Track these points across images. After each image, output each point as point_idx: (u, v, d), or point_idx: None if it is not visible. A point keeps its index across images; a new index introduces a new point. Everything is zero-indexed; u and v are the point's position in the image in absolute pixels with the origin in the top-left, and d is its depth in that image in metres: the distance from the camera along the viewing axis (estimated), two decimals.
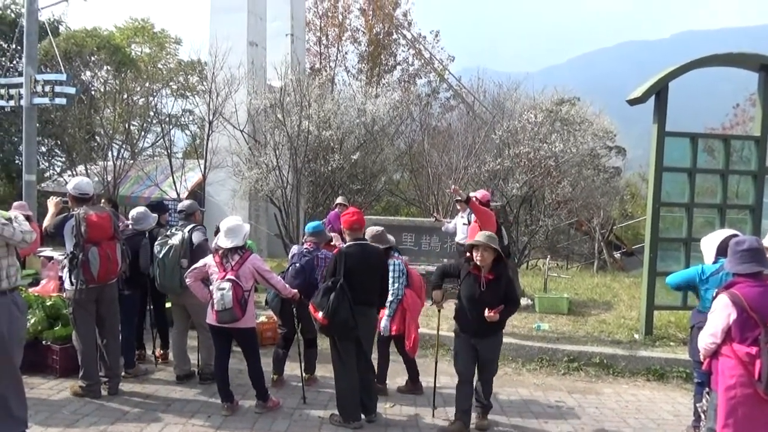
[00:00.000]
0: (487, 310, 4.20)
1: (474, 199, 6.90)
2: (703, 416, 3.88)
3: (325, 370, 5.44)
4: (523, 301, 8.50)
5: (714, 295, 3.58)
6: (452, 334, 6.81)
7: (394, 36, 25.60)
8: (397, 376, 5.77)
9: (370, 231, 4.97)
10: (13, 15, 17.53)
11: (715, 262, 4.43)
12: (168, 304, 6.30)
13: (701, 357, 3.58)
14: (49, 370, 5.38)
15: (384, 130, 13.59)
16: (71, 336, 5.05)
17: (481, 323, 4.29)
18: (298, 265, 5.10)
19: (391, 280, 4.93)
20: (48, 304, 5.64)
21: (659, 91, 6.75)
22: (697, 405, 4.27)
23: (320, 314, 4.26)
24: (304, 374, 5.21)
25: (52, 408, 4.62)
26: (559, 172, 11.36)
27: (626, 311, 8.34)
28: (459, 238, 8.39)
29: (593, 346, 6.52)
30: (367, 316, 4.45)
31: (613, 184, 15.59)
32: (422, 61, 25.16)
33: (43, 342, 5.40)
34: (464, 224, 8.30)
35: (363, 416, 4.50)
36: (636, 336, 6.94)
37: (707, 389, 3.68)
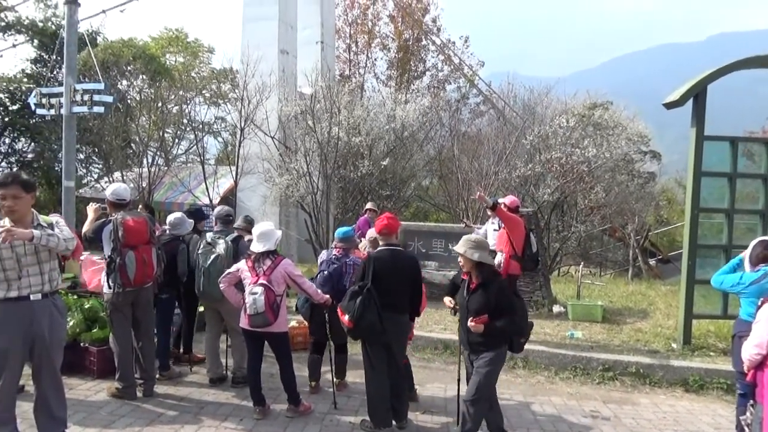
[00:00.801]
0: (470, 319, 3.90)
1: (502, 205, 6.83)
2: (747, 429, 3.74)
3: (356, 376, 5.43)
4: (556, 309, 8.38)
5: (759, 304, 3.47)
6: None
7: (423, 42, 25.62)
8: (426, 383, 5.75)
9: (371, 233, 4.96)
10: (53, 27, 18.13)
11: (756, 270, 4.32)
12: (200, 308, 6.39)
13: (745, 368, 3.46)
14: (87, 371, 5.50)
15: (413, 136, 13.61)
16: (108, 338, 5.17)
17: (468, 334, 3.97)
18: (326, 272, 5.09)
19: None
20: (86, 306, 5.77)
21: (697, 94, 6.59)
22: (741, 417, 4.13)
23: (346, 317, 4.25)
24: (334, 379, 5.23)
25: (90, 408, 4.72)
26: (592, 177, 11.21)
27: (663, 320, 8.13)
28: (490, 244, 8.32)
29: (629, 355, 6.36)
30: (396, 321, 4.40)
31: (648, 189, 15.26)
32: (452, 66, 25.12)
33: (81, 344, 5.53)
34: (495, 230, 8.20)
35: (394, 422, 4.47)
36: (674, 345, 6.75)
37: (752, 401, 3.55)
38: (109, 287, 4.78)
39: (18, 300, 3.59)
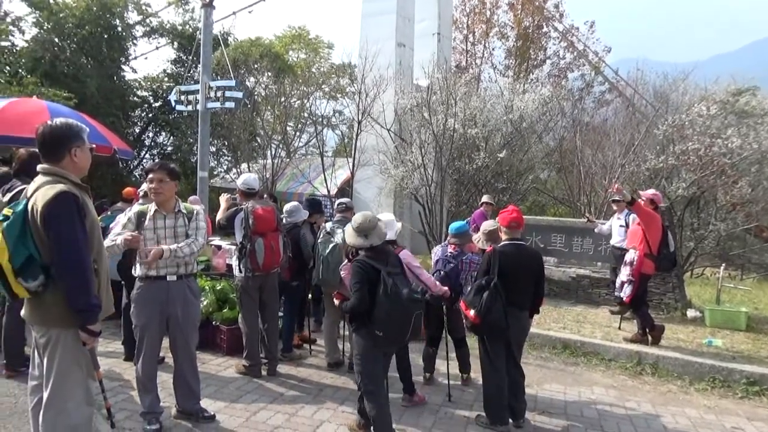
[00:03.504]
0: None
1: (643, 200, 6.43)
2: None
3: (472, 371, 5.36)
4: (690, 313, 7.72)
5: None
6: (605, 342, 6.42)
7: (545, 29, 24.61)
8: (544, 383, 5.52)
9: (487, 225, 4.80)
10: (190, 30, 19.64)
11: None
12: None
13: None
14: (218, 348, 5.92)
15: (532, 127, 13.12)
16: (237, 318, 5.51)
17: None
18: (442, 272, 5.03)
19: None
20: (218, 288, 6.20)
21: None
22: None
23: (472, 312, 4.16)
24: (461, 373, 5.23)
25: (220, 383, 5.05)
26: (736, 170, 10.11)
27: None
28: (615, 240, 7.84)
29: None
30: (518, 318, 4.26)
31: None
32: (575, 53, 23.89)
33: (213, 322, 5.95)
34: (621, 226, 7.74)
35: (511, 420, 4.34)
36: None
37: None
38: (240, 271, 5.09)
39: (156, 279, 3.92)
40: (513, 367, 4.36)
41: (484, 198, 9.45)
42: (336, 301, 4.07)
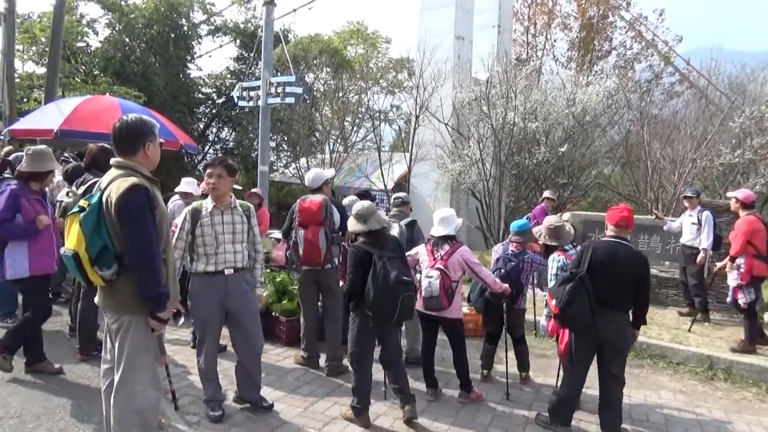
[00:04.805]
0: None
1: (734, 200, 6.15)
2: None
3: (531, 370, 5.27)
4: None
5: None
6: (673, 345, 6.14)
7: (610, 19, 23.68)
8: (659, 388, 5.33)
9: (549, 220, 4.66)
10: (252, 27, 20.12)
11: None
12: None
13: None
14: (277, 339, 6.03)
15: (596, 121, 12.68)
16: (295, 310, 5.59)
17: None
18: (503, 271, 4.91)
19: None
20: (277, 280, 6.33)
21: None
22: None
23: (553, 302, 4.03)
24: (519, 372, 5.15)
25: (280, 373, 5.16)
26: None
27: None
28: (685, 239, 7.49)
29: None
30: (609, 319, 3.93)
31: None
32: (643, 43, 22.86)
33: (273, 313, 6.08)
34: (693, 224, 7.39)
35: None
36: None
37: None
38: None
39: (215, 274, 4.00)
40: (608, 375, 4.05)
41: (546, 193, 9.23)
42: (341, 283, 4.22)
